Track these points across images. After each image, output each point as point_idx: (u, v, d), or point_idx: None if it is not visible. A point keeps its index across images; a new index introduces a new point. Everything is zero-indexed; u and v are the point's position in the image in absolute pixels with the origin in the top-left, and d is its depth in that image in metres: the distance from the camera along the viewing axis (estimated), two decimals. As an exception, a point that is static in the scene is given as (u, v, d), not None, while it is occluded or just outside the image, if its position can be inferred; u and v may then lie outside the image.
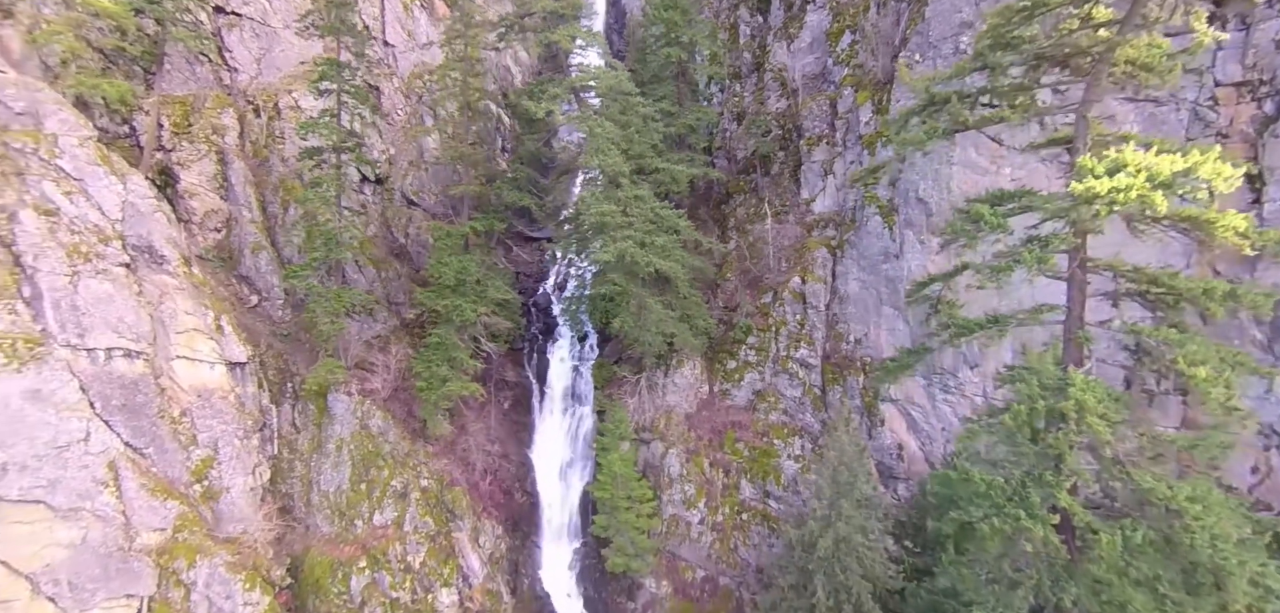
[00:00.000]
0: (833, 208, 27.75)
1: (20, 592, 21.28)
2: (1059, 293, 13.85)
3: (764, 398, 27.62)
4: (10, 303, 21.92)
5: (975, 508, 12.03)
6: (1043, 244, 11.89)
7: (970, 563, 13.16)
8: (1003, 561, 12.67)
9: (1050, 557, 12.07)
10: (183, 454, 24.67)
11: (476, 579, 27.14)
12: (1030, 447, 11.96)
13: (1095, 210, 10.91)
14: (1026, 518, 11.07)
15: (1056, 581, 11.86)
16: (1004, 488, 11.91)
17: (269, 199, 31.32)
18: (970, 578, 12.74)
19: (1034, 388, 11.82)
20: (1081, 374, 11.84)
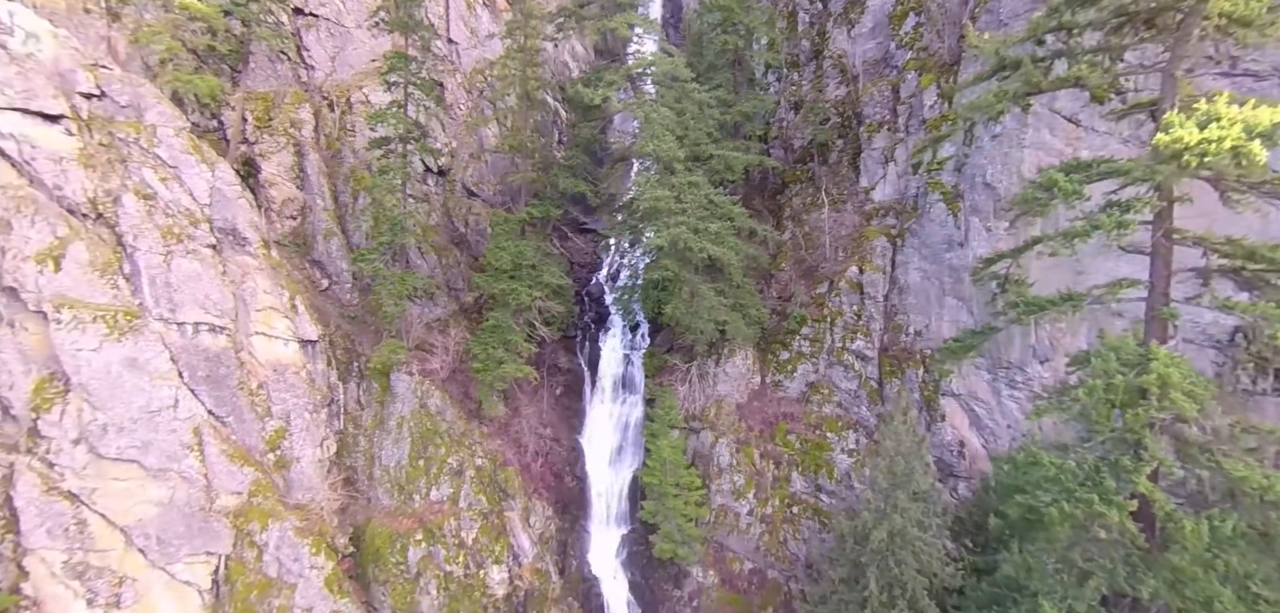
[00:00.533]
0: (893, 196, 26.87)
1: (116, 543, 23.20)
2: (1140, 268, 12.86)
3: (817, 390, 27.00)
4: (113, 278, 23.97)
5: (1043, 493, 11.30)
6: (1123, 209, 11.04)
7: (1037, 552, 12.36)
8: (1073, 549, 11.83)
9: (1126, 546, 11.21)
10: (259, 424, 26.28)
11: (526, 558, 27.68)
12: (1106, 427, 11.14)
13: (1182, 163, 10.01)
14: (1100, 503, 10.32)
15: (1133, 571, 10.98)
16: (1075, 472, 11.15)
17: (340, 188, 33.02)
18: (1037, 567, 11.95)
19: (1111, 362, 10.99)
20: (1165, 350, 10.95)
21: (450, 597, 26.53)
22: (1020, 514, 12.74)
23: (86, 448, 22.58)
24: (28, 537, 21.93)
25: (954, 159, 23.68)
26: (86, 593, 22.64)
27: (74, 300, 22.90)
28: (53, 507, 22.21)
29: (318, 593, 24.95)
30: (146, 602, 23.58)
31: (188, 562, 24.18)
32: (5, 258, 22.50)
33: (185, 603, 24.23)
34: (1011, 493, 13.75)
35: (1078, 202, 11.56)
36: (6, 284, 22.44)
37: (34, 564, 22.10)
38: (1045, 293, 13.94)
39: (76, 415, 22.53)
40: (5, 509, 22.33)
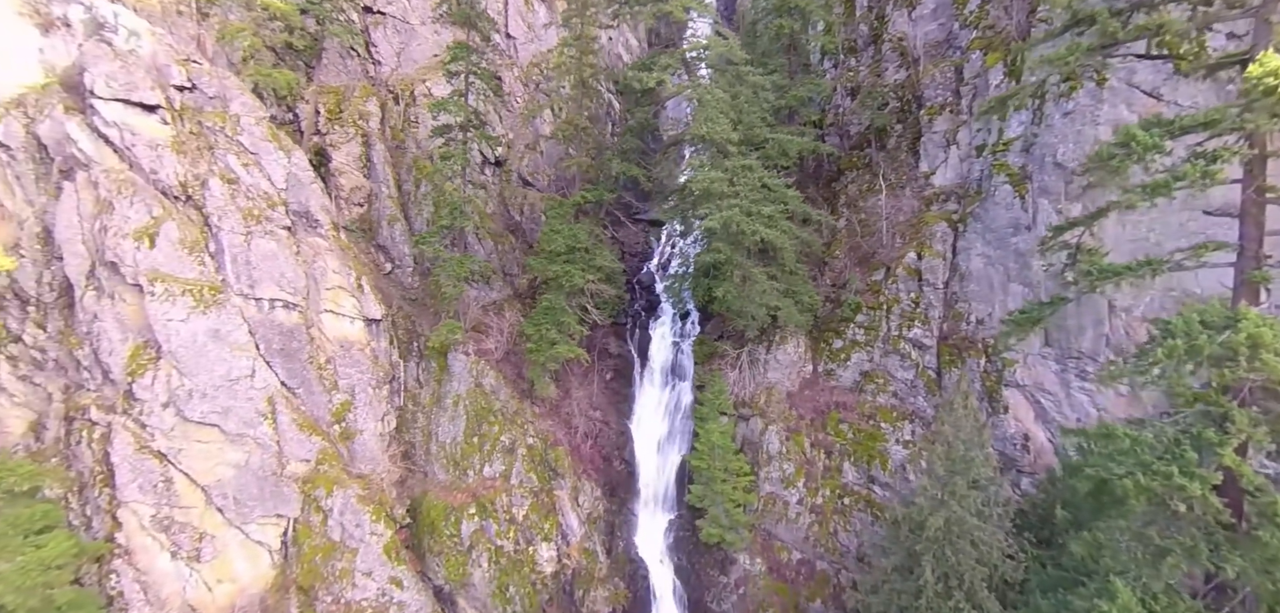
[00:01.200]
0: (955, 180, 25.95)
1: (197, 501, 24.92)
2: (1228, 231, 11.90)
3: (872, 379, 26.33)
4: (200, 255, 25.80)
5: (1116, 465, 10.61)
6: (1209, 159, 10.25)
7: (1108, 530, 11.61)
8: (1149, 527, 11.04)
9: (1209, 523, 10.42)
10: (326, 397, 27.71)
11: (574, 537, 28.10)
12: (1187, 392, 10.38)
13: (1277, 104, 9.22)
14: (1181, 476, 9.62)
15: (1217, 550, 10.17)
16: (1153, 444, 10.44)
17: (403, 177, 34.45)
18: (1108, 546, 11.19)
19: (1195, 322, 10.23)
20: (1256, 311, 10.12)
21: (500, 571, 27.22)
22: (1090, 489, 12.00)
23: (174, 411, 24.37)
24: (122, 490, 23.83)
25: (1021, 139, 22.66)
26: (171, 545, 24.42)
27: (166, 275, 24.77)
28: (144, 464, 24.06)
29: (377, 558, 26.09)
30: (223, 558, 25.24)
31: (260, 523, 25.75)
32: (108, 235, 24.55)
33: (257, 562, 25.81)
34: (1080, 471, 13.01)
35: (1158, 157, 10.85)
36: (108, 259, 24.48)
37: (126, 516, 23.99)
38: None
39: (166, 381, 24.34)
40: (103, 465, 24.35)
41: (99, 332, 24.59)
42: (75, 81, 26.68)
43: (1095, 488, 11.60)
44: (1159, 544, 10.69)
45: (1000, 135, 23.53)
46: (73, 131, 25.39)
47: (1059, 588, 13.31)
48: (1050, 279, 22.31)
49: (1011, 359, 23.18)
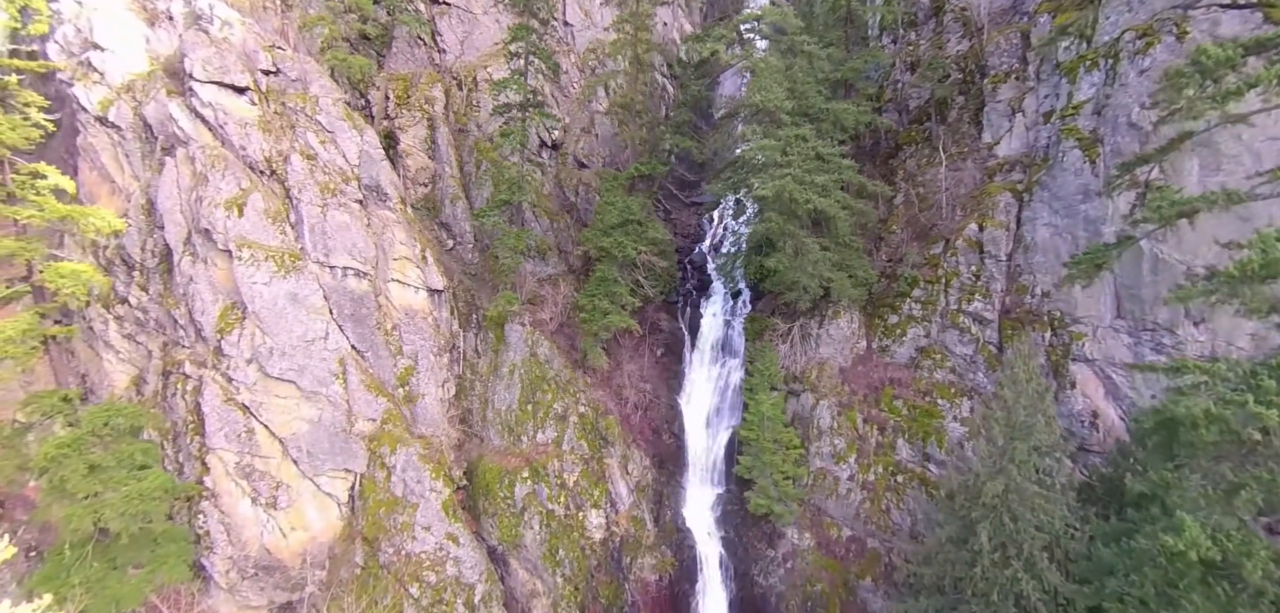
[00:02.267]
0: (1020, 149, 25.01)
1: (275, 451, 26.79)
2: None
3: (928, 355, 25.66)
4: (282, 225, 27.78)
5: (1186, 398, 10.06)
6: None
7: (1176, 466, 10.97)
8: (1221, 463, 10.42)
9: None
10: (391, 361, 29.27)
11: (623, 505, 28.58)
12: (1263, 304, 9.71)
13: None
14: (1256, 404, 9.08)
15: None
16: (1227, 375, 9.86)
17: (465, 159, 35.96)
18: (1176, 484, 10.56)
19: (1269, 236, 9.61)
20: (1339, 233, 9.43)
21: (551, 534, 28.00)
22: (1157, 429, 11.36)
23: (257, 367, 26.32)
24: (210, 438, 25.92)
25: (1093, 102, 21.67)
26: (251, 491, 26.36)
27: (252, 242, 26.80)
28: (229, 415, 26.08)
29: (436, 514, 27.35)
30: (297, 507, 27.02)
31: (330, 476, 27.43)
32: (202, 205, 26.80)
33: (327, 512, 27.50)
34: (1147, 418, 12.32)
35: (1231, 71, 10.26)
36: (202, 227, 26.71)
37: (213, 462, 26.07)
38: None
39: (250, 339, 26.32)
40: (194, 415, 26.55)
41: (193, 293, 26.84)
42: (176, 68, 29.29)
43: (1163, 427, 10.94)
44: (1232, 480, 10.07)
45: (1069, 99, 22.57)
46: (174, 111, 27.86)
47: (1122, 537, 12.63)
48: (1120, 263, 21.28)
49: (1080, 332, 22.18)
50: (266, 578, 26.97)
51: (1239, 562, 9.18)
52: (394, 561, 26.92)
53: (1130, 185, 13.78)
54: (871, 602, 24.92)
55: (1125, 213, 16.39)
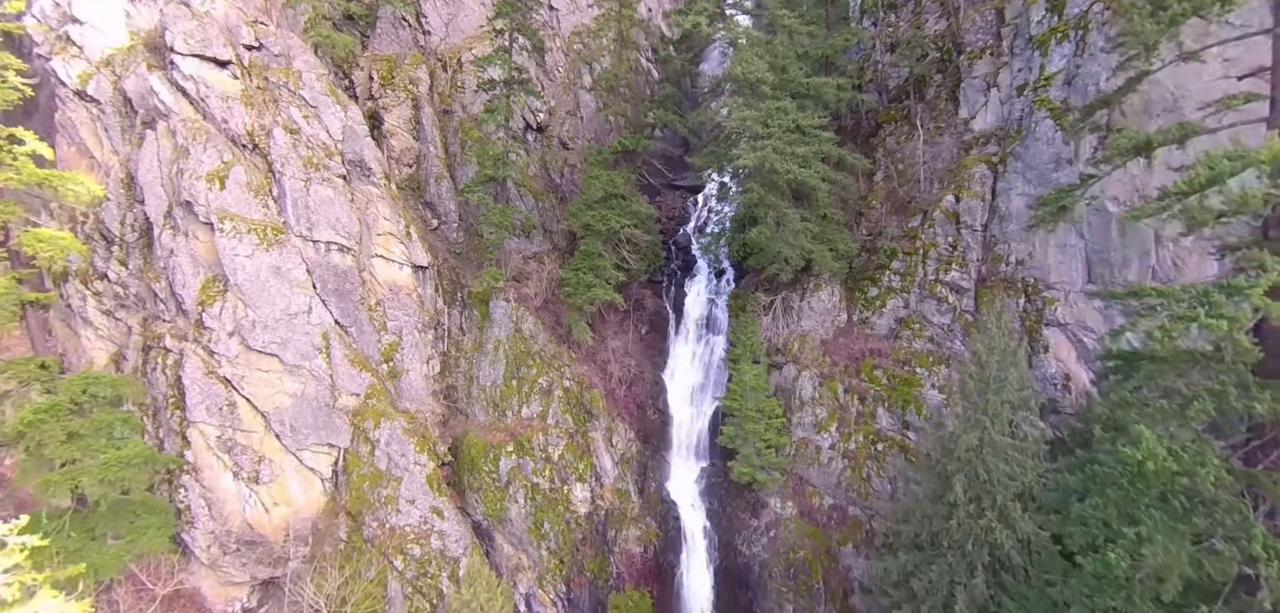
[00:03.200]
0: (995, 123, 25.59)
1: (258, 425, 26.66)
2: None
3: (908, 325, 26.13)
4: (264, 199, 27.68)
5: (1144, 318, 10.42)
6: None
7: (1135, 388, 11.36)
8: (1178, 380, 10.85)
9: (1239, 368, 10.17)
10: (375, 336, 29.23)
11: (608, 478, 28.74)
12: (1209, 217, 10.11)
13: None
14: (1208, 316, 9.46)
15: (1246, 391, 9.90)
16: (1180, 296, 10.25)
17: (450, 141, 36.00)
18: (1135, 401, 10.97)
19: (1217, 155, 10.01)
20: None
21: (536, 507, 28.09)
22: (1117, 355, 11.77)
23: (239, 340, 26.18)
24: (191, 411, 25.75)
25: (1063, 72, 22.27)
26: (233, 465, 26.21)
27: (234, 214, 26.68)
28: (211, 388, 25.92)
29: (420, 487, 27.33)
30: (280, 482, 26.90)
31: (314, 450, 27.33)
32: (183, 177, 26.64)
33: (310, 488, 27.40)
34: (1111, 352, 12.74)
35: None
36: (183, 199, 26.56)
37: (195, 436, 25.89)
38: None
39: (232, 312, 26.19)
40: (175, 389, 26.35)
41: (174, 266, 26.66)
42: (157, 42, 29.10)
43: (1123, 357, 11.34)
44: (1185, 394, 10.51)
45: (1042, 71, 23.17)
46: (155, 84, 27.68)
47: (1086, 465, 13.07)
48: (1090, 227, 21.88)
49: (1052, 297, 22.75)
50: (248, 553, 26.80)
51: (1193, 471, 9.58)
52: (378, 534, 26.87)
53: (1091, 129, 14.20)
54: (853, 568, 25.29)
55: (1088, 157, 16.89)
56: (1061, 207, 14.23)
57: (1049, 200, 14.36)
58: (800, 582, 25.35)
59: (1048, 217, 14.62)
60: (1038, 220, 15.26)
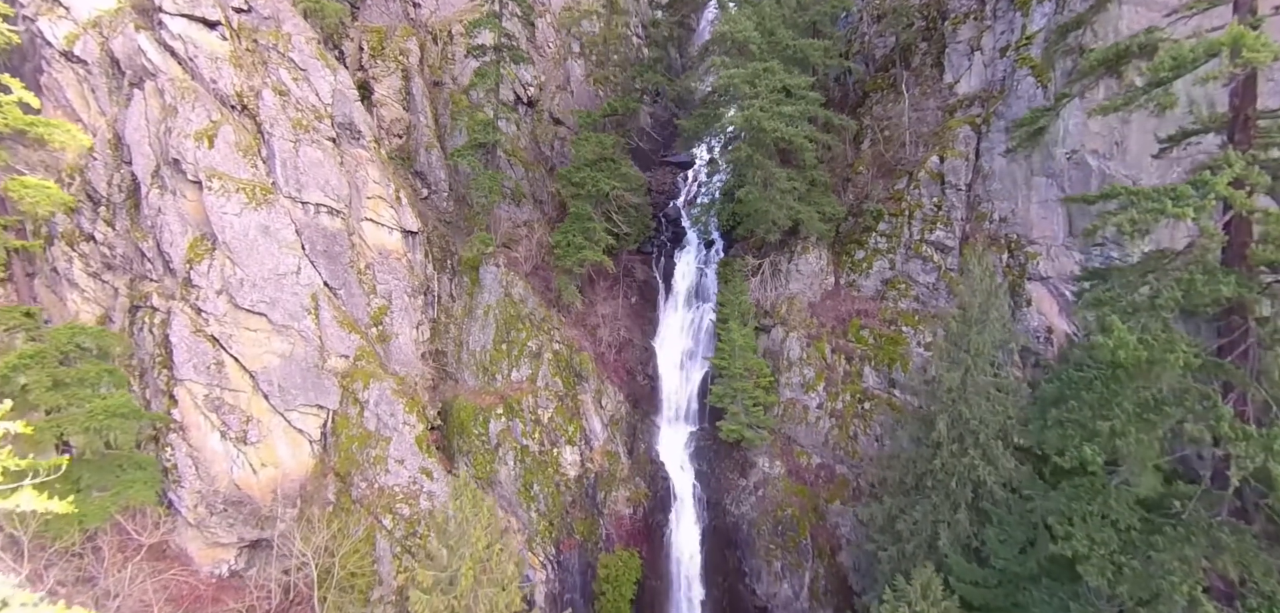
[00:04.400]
0: (979, 86, 26.04)
1: (246, 385, 26.56)
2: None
3: (893, 285, 26.48)
4: (253, 159, 27.61)
5: (1114, 216, 10.69)
6: None
7: (1108, 289, 11.63)
8: (1147, 275, 11.16)
9: (1208, 259, 10.48)
10: (365, 300, 29.21)
11: (598, 441, 28.86)
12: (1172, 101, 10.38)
13: None
14: (1174, 206, 9.76)
15: (1212, 277, 10.19)
16: (1150, 192, 10.55)
17: (441, 112, 36.07)
18: (1108, 300, 11.25)
19: (1182, 45, 10.31)
20: (1253, 30, 10.06)
21: (526, 470, 28.16)
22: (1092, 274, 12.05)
23: (227, 298, 26.10)
24: (179, 369, 25.62)
25: (1044, 31, 22.73)
26: (221, 425, 26.09)
27: (222, 173, 26.60)
28: (198, 346, 25.81)
29: (409, 448, 27.32)
30: (268, 442, 26.80)
31: (302, 412, 27.25)
32: (171, 135, 26.54)
33: (298, 450, 27.31)
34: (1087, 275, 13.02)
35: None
36: (171, 157, 26.45)
37: (182, 394, 25.76)
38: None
39: (220, 270, 26.10)
40: (162, 348, 26.21)
41: (162, 224, 26.54)
42: (145, 2, 28.94)
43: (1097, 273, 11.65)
44: (1155, 286, 10.82)
45: (1023, 31, 23.63)
46: (143, 44, 27.55)
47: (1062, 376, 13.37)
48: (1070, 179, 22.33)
49: (1034, 252, 23.15)
50: (236, 514, 26.66)
51: (1162, 359, 9.88)
52: (367, 494, 26.84)
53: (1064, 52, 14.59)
54: (841, 525, 25.55)
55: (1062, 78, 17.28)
56: (1037, 129, 14.54)
57: (1025, 122, 14.67)
58: (788, 539, 25.58)
59: (1023, 139, 14.95)
60: (1015, 143, 15.57)
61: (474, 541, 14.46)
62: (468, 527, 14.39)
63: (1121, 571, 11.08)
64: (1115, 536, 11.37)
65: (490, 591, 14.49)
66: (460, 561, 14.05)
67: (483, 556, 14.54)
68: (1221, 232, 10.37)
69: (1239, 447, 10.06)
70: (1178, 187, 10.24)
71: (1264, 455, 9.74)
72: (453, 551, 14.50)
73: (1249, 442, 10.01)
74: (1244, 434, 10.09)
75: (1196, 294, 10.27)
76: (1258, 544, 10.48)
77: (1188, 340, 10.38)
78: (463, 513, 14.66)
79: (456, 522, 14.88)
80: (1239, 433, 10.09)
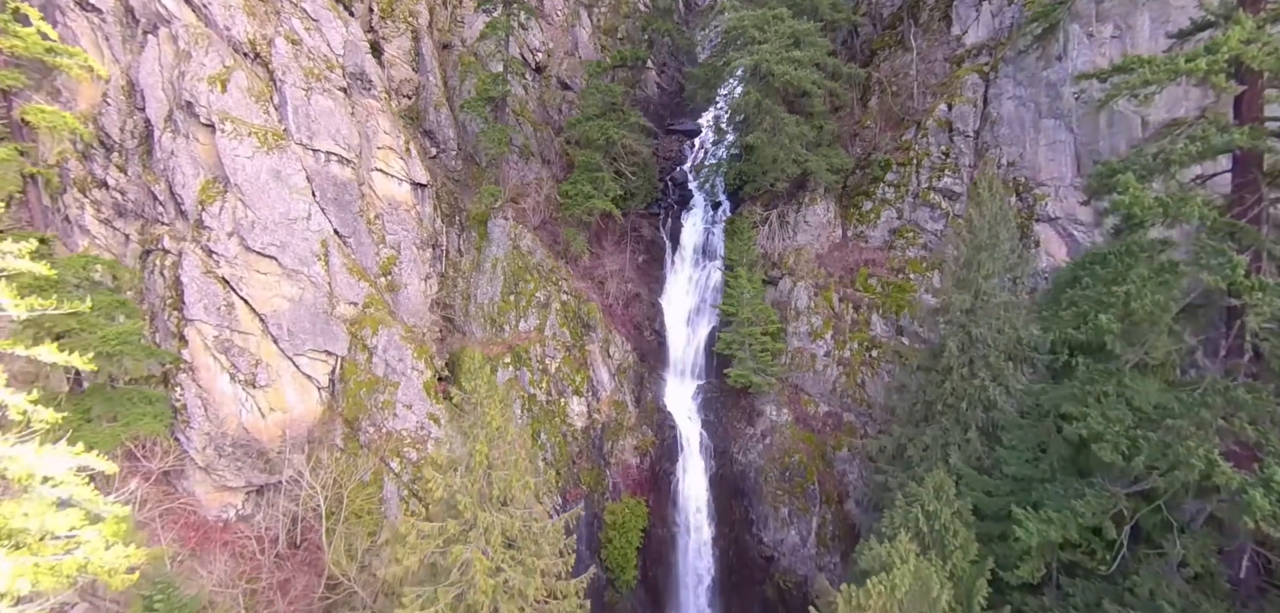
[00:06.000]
0: (986, 36, 26.20)
1: (255, 328, 26.66)
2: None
3: (901, 235, 26.57)
4: (266, 106, 27.82)
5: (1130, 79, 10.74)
6: None
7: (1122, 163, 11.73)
8: (1160, 139, 11.26)
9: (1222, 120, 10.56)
10: (374, 249, 29.35)
11: (604, 392, 28.91)
12: None
13: None
14: (1186, 63, 9.83)
15: (1223, 130, 10.26)
16: (1162, 59, 10.65)
17: (450, 74, 36.30)
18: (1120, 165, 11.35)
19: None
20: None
21: (533, 418, 28.21)
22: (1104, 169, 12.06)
23: (238, 240, 26.24)
24: (189, 309, 25.73)
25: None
26: (230, 366, 26.17)
27: (235, 117, 26.80)
28: (209, 287, 25.94)
29: (417, 393, 27.40)
30: (276, 387, 26.87)
31: (311, 357, 27.33)
32: (185, 79, 26.75)
33: (307, 395, 27.38)
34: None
35: None
36: (184, 100, 26.67)
37: (192, 335, 25.87)
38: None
39: (232, 212, 26.26)
40: (173, 290, 26.34)
41: (174, 167, 26.71)
42: (160, -47, 29.25)
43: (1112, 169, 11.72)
44: (1168, 148, 10.91)
45: (1031, -25, 23.80)
46: (158, -10, 27.80)
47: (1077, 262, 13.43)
48: (1079, 122, 22.46)
49: (1043, 193, 23.26)
50: (244, 458, 26.70)
51: (1178, 210, 9.96)
52: (375, 439, 26.90)
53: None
54: (848, 472, 25.56)
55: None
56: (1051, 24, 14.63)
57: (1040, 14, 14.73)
58: (795, 484, 25.58)
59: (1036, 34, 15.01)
60: (1026, 34, 15.57)
61: (489, 419, 14.51)
62: (483, 407, 14.45)
63: (1136, 444, 11.11)
64: (1130, 412, 11.41)
65: (504, 473, 14.54)
66: (475, 441, 14.10)
67: (496, 436, 14.59)
68: (1234, 82, 10.48)
69: (1254, 295, 10.11)
70: (1190, 50, 10.33)
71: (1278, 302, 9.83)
72: (468, 434, 14.56)
73: (1265, 291, 10.07)
74: (1260, 284, 10.14)
75: (1209, 145, 10.35)
76: (1276, 400, 10.52)
77: (1204, 196, 10.48)
78: (477, 394, 14.74)
79: (471, 403, 14.94)
80: (1255, 283, 10.13)
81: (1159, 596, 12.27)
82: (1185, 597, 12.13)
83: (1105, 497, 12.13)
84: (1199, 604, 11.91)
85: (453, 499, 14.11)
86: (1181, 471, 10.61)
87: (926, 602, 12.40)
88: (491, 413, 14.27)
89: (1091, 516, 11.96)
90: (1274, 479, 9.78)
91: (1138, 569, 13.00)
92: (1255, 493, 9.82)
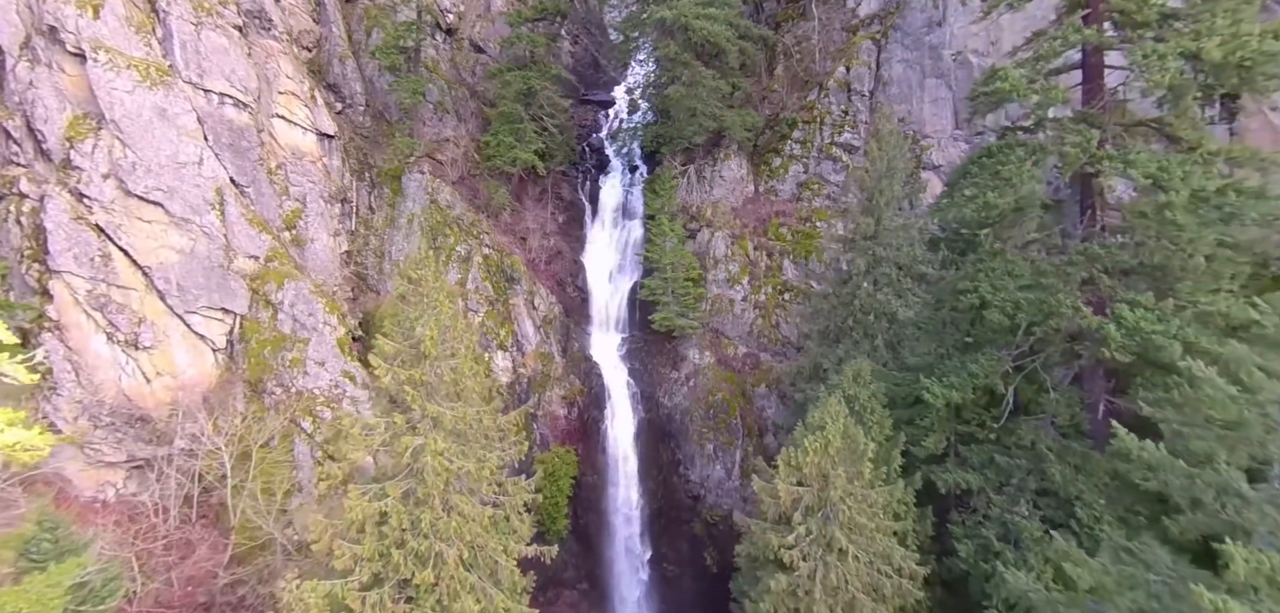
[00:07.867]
0: (878, 7, 29.06)
1: (138, 283, 24.11)
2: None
3: (808, 187, 28.76)
4: (147, 38, 25.23)
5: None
6: None
7: None
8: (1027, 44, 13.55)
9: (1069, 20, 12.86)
10: (277, 201, 27.45)
11: (530, 345, 28.85)
12: None
13: None
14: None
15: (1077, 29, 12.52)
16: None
17: (355, 28, 34.59)
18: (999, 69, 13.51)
19: None
20: None
21: (457, 373, 27.55)
22: None
23: (115, 183, 23.63)
24: (55, 259, 22.84)
25: (932, -47, 25.91)
26: (107, 325, 23.50)
27: (110, 47, 24.11)
28: (80, 235, 23.17)
29: (330, 349, 25.95)
30: (164, 349, 24.45)
31: (205, 315, 25.10)
32: (46, 2, 23.73)
33: (200, 358, 25.10)
34: None
35: None
36: (47, 24, 23.66)
37: (58, 288, 22.97)
38: None
39: (108, 151, 23.61)
40: (33, 240, 23.26)
41: (34, 99, 23.61)
42: None
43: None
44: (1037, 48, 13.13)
45: (915, -49, 26.78)
46: (7, -98, 24.45)
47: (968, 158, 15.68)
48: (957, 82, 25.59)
49: (928, 144, 26.16)
50: (125, 429, 24.01)
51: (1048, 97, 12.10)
52: (283, 400, 25.13)
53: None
54: (766, 407, 27.23)
55: None
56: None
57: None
58: (719, 421, 26.90)
59: None
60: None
61: (438, 305, 14.27)
62: (431, 294, 14.20)
63: (1019, 305, 13.15)
64: (1012, 282, 13.48)
65: (455, 362, 14.34)
66: (424, 328, 13.84)
67: (447, 323, 14.37)
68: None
69: (1104, 163, 12.42)
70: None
71: (1123, 165, 12.12)
72: (415, 320, 14.24)
73: (1111, 160, 12.39)
74: (1108, 155, 12.46)
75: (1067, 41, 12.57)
76: (1119, 250, 12.93)
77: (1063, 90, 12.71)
78: (425, 281, 14.44)
79: (418, 293, 14.61)
80: (1105, 154, 12.43)
81: (1039, 443, 14.49)
82: (1058, 442, 14.42)
83: (995, 359, 14.16)
84: (1069, 446, 14.21)
85: (399, 391, 13.77)
86: (1054, 319, 12.71)
87: (855, 455, 13.83)
88: (440, 300, 14.08)
89: (984, 376, 13.93)
90: (1122, 317, 12.02)
91: (1019, 429, 15.22)
92: (1110, 328, 12.03)
